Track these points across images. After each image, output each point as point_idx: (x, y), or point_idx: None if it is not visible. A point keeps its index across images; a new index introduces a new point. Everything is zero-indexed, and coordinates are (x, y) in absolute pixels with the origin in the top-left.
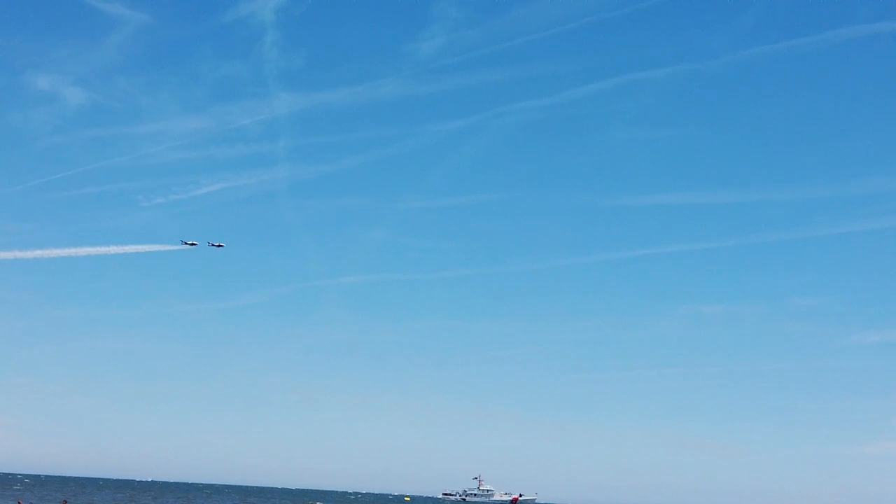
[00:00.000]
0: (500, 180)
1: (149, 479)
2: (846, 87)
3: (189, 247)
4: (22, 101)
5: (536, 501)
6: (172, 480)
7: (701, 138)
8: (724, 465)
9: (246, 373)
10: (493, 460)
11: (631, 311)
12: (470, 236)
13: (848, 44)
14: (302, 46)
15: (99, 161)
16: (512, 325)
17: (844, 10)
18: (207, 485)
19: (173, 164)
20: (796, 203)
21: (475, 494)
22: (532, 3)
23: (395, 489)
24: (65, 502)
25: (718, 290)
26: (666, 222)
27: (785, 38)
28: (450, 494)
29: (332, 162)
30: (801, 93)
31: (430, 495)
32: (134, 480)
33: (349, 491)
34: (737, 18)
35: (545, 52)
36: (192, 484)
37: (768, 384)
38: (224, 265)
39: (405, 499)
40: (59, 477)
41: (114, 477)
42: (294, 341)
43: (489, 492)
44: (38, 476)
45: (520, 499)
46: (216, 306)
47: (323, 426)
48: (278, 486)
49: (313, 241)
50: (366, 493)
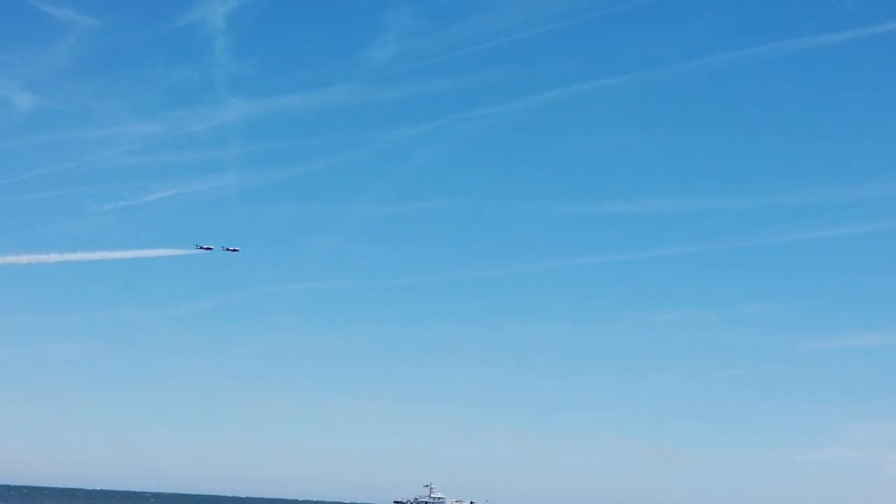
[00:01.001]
0: (453, 188)
1: (97, 488)
2: (795, 97)
3: (204, 251)
4: None
5: None
6: (118, 489)
7: (653, 147)
8: (675, 471)
9: (195, 379)
10: (444, 468)
11: (583, 318)
12: (420, 243)
13: (796, 54)
14: (254, 52)
15: (48, 166)
16: (462, 331)
17: (792, 22)
18: (154, 493)
19: (124, 170)
20: (747, 211)
21: (426, 502)
22: (485, 12)
23: (345, 497)
24: None
25: (669, 297)
26: (618, 230)
27: (734, 47)
28: (401, 502)
29: (284, 168)
30: (752, 103)
31: (380, 503)
32: (79, 489)
33: (299, 499)
34: (687, 29)
35: (498, 60)
36: (139, 493)
37: (718, 391)
38: (174, 272)
39: None
40: (2, 486)
41: (59, 486)
42: (243, 347)
43: (440, 499)
44: None
45: None
46: (166, 313)
47: (272, 433)
48: (227, 495)
49: (264, 248)
50: (316, 501)
